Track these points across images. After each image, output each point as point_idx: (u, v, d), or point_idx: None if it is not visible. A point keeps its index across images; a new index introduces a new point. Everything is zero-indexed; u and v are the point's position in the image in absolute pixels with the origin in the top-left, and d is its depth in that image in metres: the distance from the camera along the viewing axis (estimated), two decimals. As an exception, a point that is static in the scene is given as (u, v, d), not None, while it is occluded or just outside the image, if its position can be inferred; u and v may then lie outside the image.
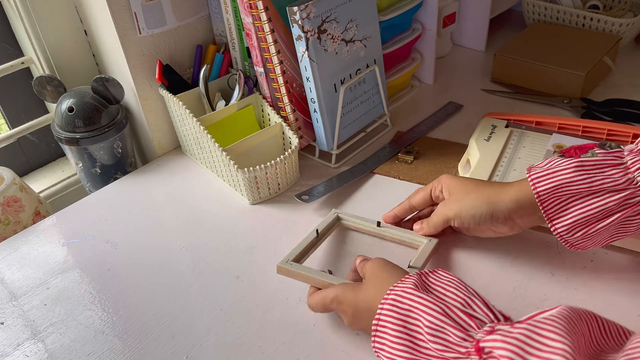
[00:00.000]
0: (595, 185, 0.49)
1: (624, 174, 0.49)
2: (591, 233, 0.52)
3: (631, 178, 0.48)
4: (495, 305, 0.58)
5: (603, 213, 0.50)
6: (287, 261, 0.60)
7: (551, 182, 0.51)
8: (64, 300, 0.63)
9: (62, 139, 0.77)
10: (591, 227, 0.52)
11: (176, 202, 0.77)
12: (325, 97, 0.76)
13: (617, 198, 0.49)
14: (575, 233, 0.53)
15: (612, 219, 0.50)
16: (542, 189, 0.52)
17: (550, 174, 0.52)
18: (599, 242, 0.54)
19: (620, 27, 1.01)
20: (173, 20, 0.79)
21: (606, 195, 0.49)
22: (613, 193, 0.49)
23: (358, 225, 0.68)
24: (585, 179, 0.50)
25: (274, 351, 0.55)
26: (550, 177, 0.51)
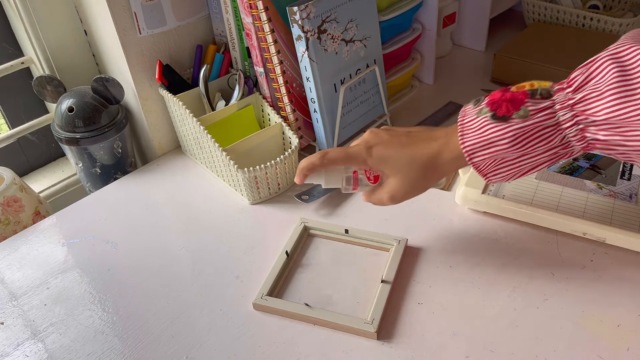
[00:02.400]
0: (529, 151, 0.51)
1: (557, 133, 0.49)
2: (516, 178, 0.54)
3: (562, 136, 0.49)
4: (495, 305, 0.58)
5: (532, 167, 0.53)
6: (261, 296, 0.60)
7: (487, 154, 0.51)
8: (64, 300, 0.63)
9: (62, 139, 0.77)
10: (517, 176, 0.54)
11: (176, 202, 0.77)
12: (325, 97, 0.76)
13: (547, 154, 0.51)
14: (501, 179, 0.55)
15: (537, 169, 0.53)
16: (479, 159, 0.52)
17: (486, 145, 0.51)
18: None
19: (620, 27, 1.01)
20: (173, 20, 0.79)
21: (538, 153, 0.51)
22: (545, 151, 0.51)
23: (327, 234, 0.68)
24: (520, 148, 0.50)
25: (274, 351, 0.55)
26: (486, 148, 0.51)
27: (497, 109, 0.51)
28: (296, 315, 0.58)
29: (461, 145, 0.52)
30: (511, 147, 0.50)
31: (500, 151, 0.51)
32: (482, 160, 0.52)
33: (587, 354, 0.53)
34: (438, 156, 0.55)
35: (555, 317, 0.56)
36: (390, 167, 0.56)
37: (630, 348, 0.53)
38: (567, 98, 0.49)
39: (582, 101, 0.48)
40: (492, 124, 0.51)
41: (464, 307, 0.58)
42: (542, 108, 0.49)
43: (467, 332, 0.55)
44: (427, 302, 0.59)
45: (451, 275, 0.62)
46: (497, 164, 0.53)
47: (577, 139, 0.49)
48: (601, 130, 0.47)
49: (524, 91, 0.51)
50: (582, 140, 0.49)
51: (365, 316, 0.57)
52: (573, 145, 0.50)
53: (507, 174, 0.53)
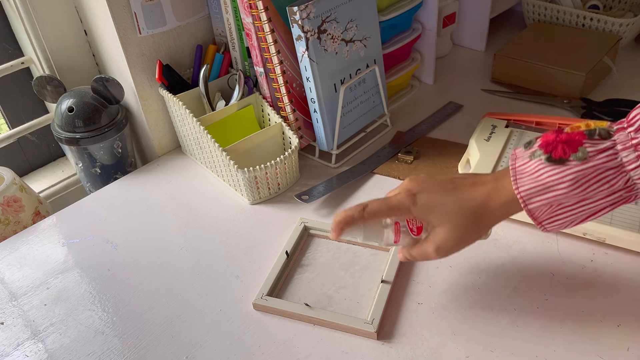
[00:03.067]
0: (590, 196, 0.47)
1: (620, 175, 0.46)
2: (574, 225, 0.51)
3: (627, 178, 0.46)
4: (495, 305, 0.58)
5: (594, 213, 0.49)
6: (261, 296, 0.60)
7: (544, 199, 0.48)
8: (64, 300, 0.63)
9: (62, 139, 0.77)
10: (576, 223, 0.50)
11: (176, 202, 0.77)
12: (325, 97, 0.76)
13: (611, 199, 0.47)
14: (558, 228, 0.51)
15: (598, 215, 0.49)
16: (534, 206, 0.48)
17: (542, 189, 0.47)
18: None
19: (620, 27, 1.01)
20: (173, 20, 0.79)
21: (599, 198, 0.47)
22: (608, 195, 0.47)
23: (327, 234, 0.68)
24: (581, 192, 0.47)
25: (274, 351, 0.55)
26: (543, 192, 0.47)
27: (553, 150, 0.47)
28: (296, 315, 0.58)
29: (515, 191, 0.49)
30: (570, 191, 0.46)
31: (558, 196, 0.47)
32: (539, 206, 0.48)
33: (587, 354, 0.53)
34: (488, 201, 0.51)
35: (555, 317, 0.56)
36: (438, 215, 0.51)
37: (630, 348, 0.53)
38: (629, 138, 0.46)
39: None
40: (548, 167, 0.47)
41: (464, 307, 0.58)
42: (602, 149, 0.46)
43: (467, 332, 0.55)
44: (427, 302, 0.59)
45: (451, 275, 0.62)
46: (554, 210, 0.49)
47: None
48: None
49: (580, 132, 0.47)
50: None
51: (365, 316, 0.57)
52: (638, 188, 0.46)
53: (565, 221, 0.49)
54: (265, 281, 0.61)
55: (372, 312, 0.57)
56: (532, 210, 0.49)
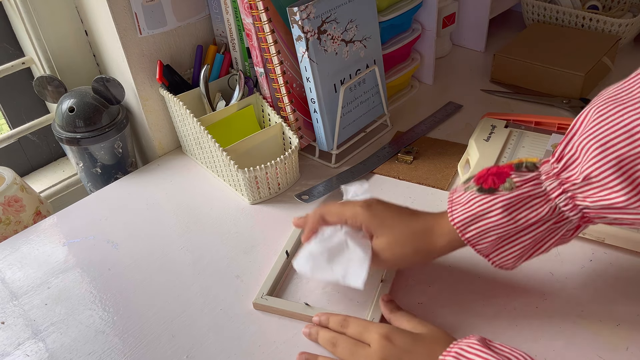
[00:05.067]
0: (522, 224, 0.49)
1: (546, 203, 0.49)
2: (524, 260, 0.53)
3: (552, 206, 0.49)
4: (495, 305, 0.58)
5: (533, 244, 0.51)
6: (262, 295, 0.60)
7: (479, 227, 0.51)
8: (65, 299, 0.63)
9: (63, 139, 0.77)
10: (525, 258, 0.53)
11: (176, 201, 0.77)
12: (325, 97, 0.76)
13: (543, 229, 0.50)
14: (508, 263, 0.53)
15: (543, 248, 0.51)
16: (471, 235, 0.51)
17: (476, 218, 0.51)
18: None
19: (619, 28, 1.01)
20: (173, 21, 0.79)
21: (533, 228, 0.50)
22: (539, 224, 0.49)
23: None
24: (511, 220, 0.49)
25: (274, 351, 0.55)
26: (477, 222, 0.51)
27: (483, 182, 0.51)
28: (296, 314, 0.58)
29: (450, 221, 0.52)
30: (501, 218, 0.49)
31: (491, 224, 0.50)
32: (475, 235, 0.51)
33: (586, 353, 0.53)
34: (432, 231, 0.54)
35: (555, 316, 0.56)
36: (384, 226, 0.55)
37: (629, 348, 0.53)
38: (551, 168, 0.49)
39: (565, 168, 0.48)
40: (479, 196, 0.51)
41: (464, 307, 0.58)
42: (527, 179, 0.50)
43: (466, 331, 0.56)
44: (427, 302, 0.59)
45: (450, 275, 0.62)
46: (498, 245, 0.52)
47: (569, 208, 0.48)
48: (585, 193, 0.47)
49: (509, 165, 0.51)
50: (574, 209, 0.48)
51: (366, 316, 0.57)
52: (568, 216, 0.49)
53: (511, 255, 0.52)
54: (265, 281, 0.61)
55: (372, 312, 0.57)
56: (469, 239, 0.52)
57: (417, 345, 0.49)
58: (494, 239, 0.51)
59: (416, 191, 0.75)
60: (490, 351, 0.45)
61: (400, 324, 0.54)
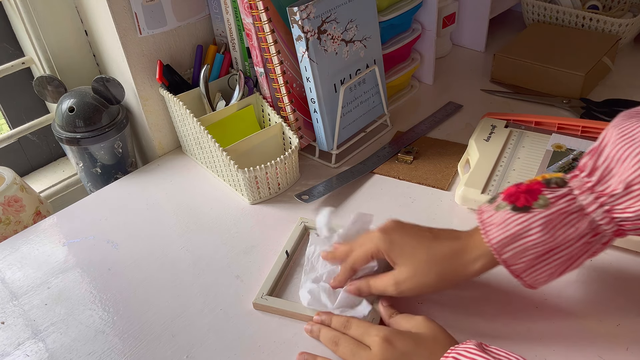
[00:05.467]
0: (560, 241, 0.48)
1: (583, 218, 0.48)
2: (555, 277, 0.52)
3: (589, 221, 0.48)
4: (495, 305, 0.58)
5: (567, 261, 0.50)
6: (262, 295, 0.60)
7: (517, 247, 0.49)
8: (65, 299, 0.63)
9: (63, 139, 0.77)
10: (557, 275, 0.51)
11: (176, 201, 0.77)
12: (325, 97, 0.76)
13: (579, 245, 0.49)
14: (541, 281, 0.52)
15: (575, 264, 0.50)
16: (509, 255, 0.50)
17: (515, 238, 0.49)
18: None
19: (619, 28, 1.01)
20: (173, 21, 0.79)
21: (569, 244, 0.49)
22: (575, 240, 0.48)
23: None
24: (551, 237, 0.48)
25: (274, 350, 0.55)
26: (515, 241, 0.49)
27: (516, 200, 0.49)
28: (296, 314, 0.58)
29: (487, 243, 0.50)
30: (542, 237, 0.48)
31: (530, 242, 0.48)
32: (513, 255, 0.49)
33: (586, 353, 0.53)
34: (460, 255, 0.52)
35: (555, 317, 0.56)
36: (404, 255, 0.54)
37: (629, 348, 0.53)
38: (583, 182, 0.48)
39: (599, 181, 0.47)
40: (515, 215, 0.49)
41: (464, 307, 0.58)
42: (561, 195, 0.48)
43: (466, 331, 0.56)
44: (427, 301, 0.59)
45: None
46: (533, 264, 0.50)
47: (605, 222, 0.47)
48: (626, 203, 0.46)
49: (538, 181, 0.50)
50: (611, 222, 0.47)
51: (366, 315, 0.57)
52: (603, 229, 0.48)
53: (545, 273, 0.50)
54: (265, 281, 0.61)
55: (372, 313, 0.57)
56: (506, 260, 0.50)
57: (418, 348, 0.49)
58: (531, 258, 0.49)
59: (416, 191, 0.75)
60: (487, 355, 0.45)
61: (400, 325, 0.53)
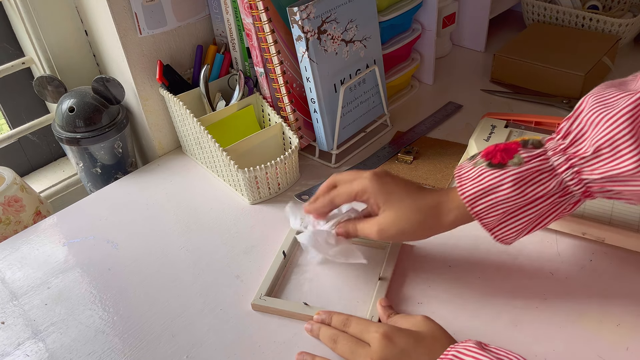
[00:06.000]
0: (530, 197, 0.51)
1: (553, 177, 0.50)
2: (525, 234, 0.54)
3: (559, 181, 0.50)
4: (495, 305, 0.58)
5: (536, 219, 0.53)
6: (260, 296, 0.60)
7: (488, 201, 0.52)
8: (65, 299, 0.63)
9: (63, 139, 0.77)
10: (526, 232, 0.54)
11: (176, 201, 0.77)
12: (325, 97, 0.76)
13: (548, 203, 0.51)
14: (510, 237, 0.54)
15: (544, 222, 0.53)
16: (480, 208, 0.52)
17: (486, 192, 0.52)
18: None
19: (619, 28, 1.01)
20: (173, 21, 0.79)
21: (539, 202, 0.51)
22: (545, 198, 0.51)
23: None
24: (520, 193, 0.51)
25: (274, 350, 0.55)
26: (487, 195, 0.52)
27: (492, 158, 0.52)
28: (295, 314, 0.58)
29: (460, 195, 0.53)
30: (511, 192, 0.51)
31: (501, 197, 0.51)
32: (484, 208, 0.52)
33: (586, 353, 0.53)
34: (440, 206, 0.55)
35: (555, 317, 0.56)
36: (392, 202, 0.56)
37: (629, 348, 0.53)
38: (557, 144, 0.51)
39: (572, 143, 0.50)
40: (489, 171, 0.52)
41: (464, 306, 0.58)
42: (535, 155, 0.51)
43: (466, 331, 0.56)
44: (426, 301, 0.59)
45: (450, 275, 0.62)
46: (503, 219, 0.53)
47: (574, 182, 0.50)
48: (594, 165, 0.48)
49: (516, 142, 0.53)
50: (579, 183, 0.50)
51: (365, 314, 0.57)
52: (572, 190, 0.51)
53: (515, 229, 0.53)
54: (263, 281, 0.61)
55: (371, 310, 0.57)
56: (478, 213, 0.53)
57: (417, 345, 0.49)
58: (500, 213, 0.52)
59: (416, 191, 0.75)
60: (486, 353, 0.45)
61: (399, 325, 0.53)
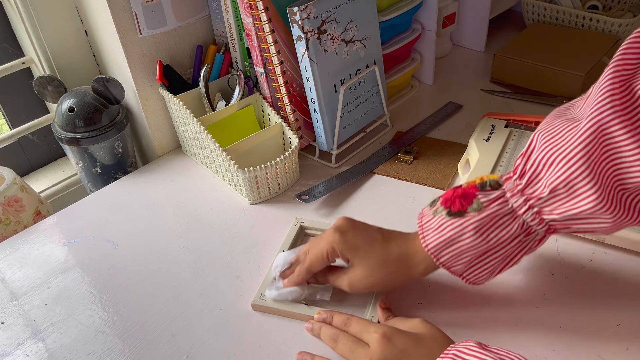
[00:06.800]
0: (494, 242, 0.51)
1: (514, 220, 0.50)
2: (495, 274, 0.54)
3: (520, 222, 0.50)
4: (495, 305, 0.58)
5: (504, 259, 0.53)
6: (260, 296, 0.60)
7: (452, 251, 0.52)
8: (65, 299, 0.63)
9: (63, 139, 0.77)
10: (496, 272, 0.54)
11: (176, 202, 0.77)
12: (325, 97, 0.76)
13: (514, 244, 0.51)
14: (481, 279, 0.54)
15: (513, 261, 0.53)
16: (445, 259, 0.52)
17: (449, 243, 0.52)
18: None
19: (619, 28, 1.01)
20: (173, 21, 0.79)
21: (504, 245, 0.51)
22: (509, 240, 0.51)
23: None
24: (484, 240, 0.51)
25: (274, 351, 0.55)
26: (450, 245, 0.52)
27: (451, 205, 0.52)
28: (295, 314, 0.58)
29: (425, 247, 0.53)
30: (474, 240, 0.50)
31: (465, 246, 0.51)
32: (449, 259, 0.52)
33: (586, 353, 0.53)
34: (407, 258, 0.55)
35: (555, 317, 0.56)
36: (358, 257, 0.55)
37: (629, 348, 0.53)
38: (515, 185, 0.50)
39: (528, 184, 0.50)
40: (449, 220, 0.51)
41: (464, 307, 0.58)
42: (493, 198, 0.51)
43: (466, 332, 0.56)
44: (426, 301, 0.59)
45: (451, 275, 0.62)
46: (471, 264, 0.53)
47: (536, 222, 0.50)
48: (552, 205, 0.48)
49: (474, 185, 0.52)
50: (541, 222, 0.50)
51: (365, 314, 0.57)
52: (535, 229, 0.50)
53: (484, 272, 0.53)
54: (263, 281, 0.61)
55: (371, 311, 0.57)
56: (444, 263, 0.53)
57: (417, 346, 0.49)
58: (467, 260, 0.52)
59: (416, 191, 0.75)
60: (487, 352, 0.45)
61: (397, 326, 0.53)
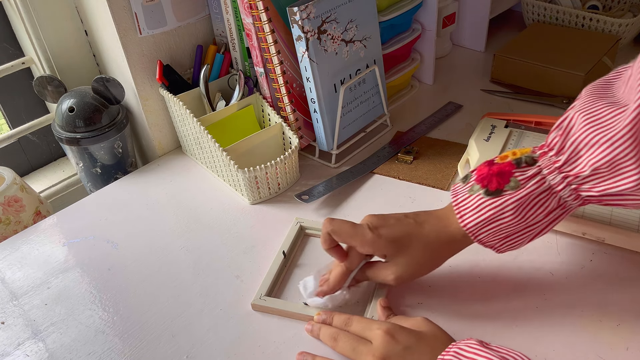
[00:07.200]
0: (532, 219, 0.52)
1: (552, 196, 0.51)
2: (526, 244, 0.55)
3: (557, 199, 0.51)
4: (495, 305, 0.58)
5: (538, 232, 0.53)
6: (260, 296, 0.60)
7: (491, 229, 0.52)
8: (65, 299, 0.63)
9: (63, 139, 0.77)
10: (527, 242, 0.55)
11: (176, 201, 0.77)
12: (325, 97, 0.76)
13: (549, 217, 0.52)
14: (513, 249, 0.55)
15: (545, 231, 0.54)
16: (483, 236, 0.53)
17: (489, 222, 0.52)
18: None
19: (619, 28, 1.01)
20: (173, 21, 0.79)
21: (540, 219, 0.52)
22: (545, 215, 0.52)
23: None
24: (522, 218, 0.51)
25: (274, 351, 0.55)
26: (489, 224, 0.52)
27: (489, 184, 0.52)
28: (295, 314, 0.58)
29: (462, 227, 0.53)
30: (513, 218, 0.51)
31: (503, 225, 0.52)
32: (487, 236, 0.53)
33: (586, 353, 0.53)
34: (444, 237, 0.55)
35: (555, 316, 0.56)
36: (400, 249, 0.55)
37: (629, 348, 0.53)
38: (552, 162, 0.51)
39: (567, 162, 0.50)
40: (488, 200, 0.52)
41: (464, 307, 0.58)
42: (530, 175, 0.51)
43: (466, 331, 0.56)
44: (427, 301, 0.59)
45: (451, 275, 0.62)
46: (505, 239, 0.53)
47: (572, 198, 0.51)
48: (592, 183, 0.48)
49: (509, 162, 0.52)
50: (577, 198, 0.51)
51: (365, 314, 0.57)
52: (570, 204, 0.51)
53: (516, 244, 0.54)
54: (263, 281, 0.61)
55: (371, 310, 0.57)
56: (481, 239, 0.54)
57: (420, 343, 0.49)
58: (503, 236, 0.53)
59: (416, 191, 0.75)
60: (488, 350, 0.45)
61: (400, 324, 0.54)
